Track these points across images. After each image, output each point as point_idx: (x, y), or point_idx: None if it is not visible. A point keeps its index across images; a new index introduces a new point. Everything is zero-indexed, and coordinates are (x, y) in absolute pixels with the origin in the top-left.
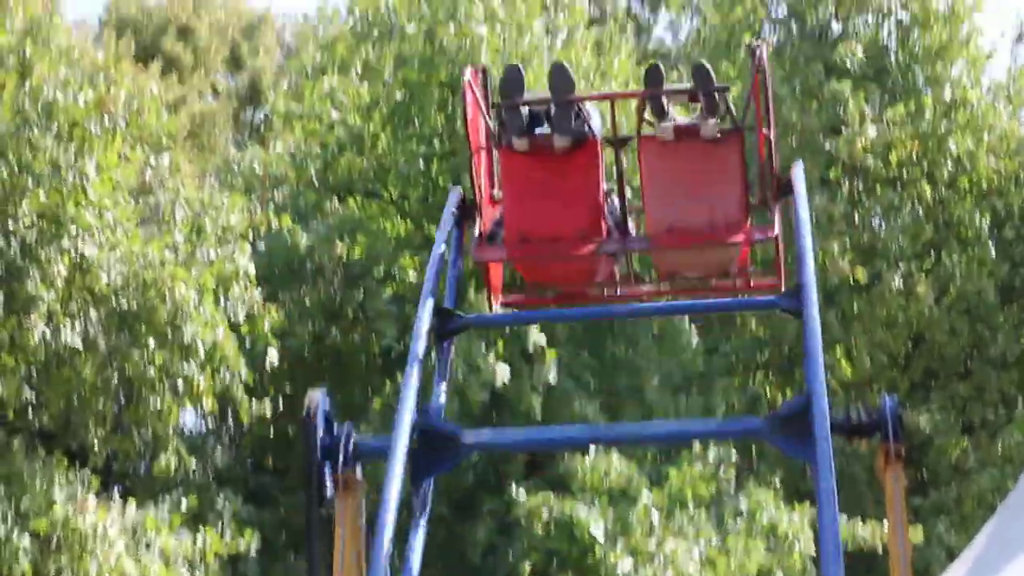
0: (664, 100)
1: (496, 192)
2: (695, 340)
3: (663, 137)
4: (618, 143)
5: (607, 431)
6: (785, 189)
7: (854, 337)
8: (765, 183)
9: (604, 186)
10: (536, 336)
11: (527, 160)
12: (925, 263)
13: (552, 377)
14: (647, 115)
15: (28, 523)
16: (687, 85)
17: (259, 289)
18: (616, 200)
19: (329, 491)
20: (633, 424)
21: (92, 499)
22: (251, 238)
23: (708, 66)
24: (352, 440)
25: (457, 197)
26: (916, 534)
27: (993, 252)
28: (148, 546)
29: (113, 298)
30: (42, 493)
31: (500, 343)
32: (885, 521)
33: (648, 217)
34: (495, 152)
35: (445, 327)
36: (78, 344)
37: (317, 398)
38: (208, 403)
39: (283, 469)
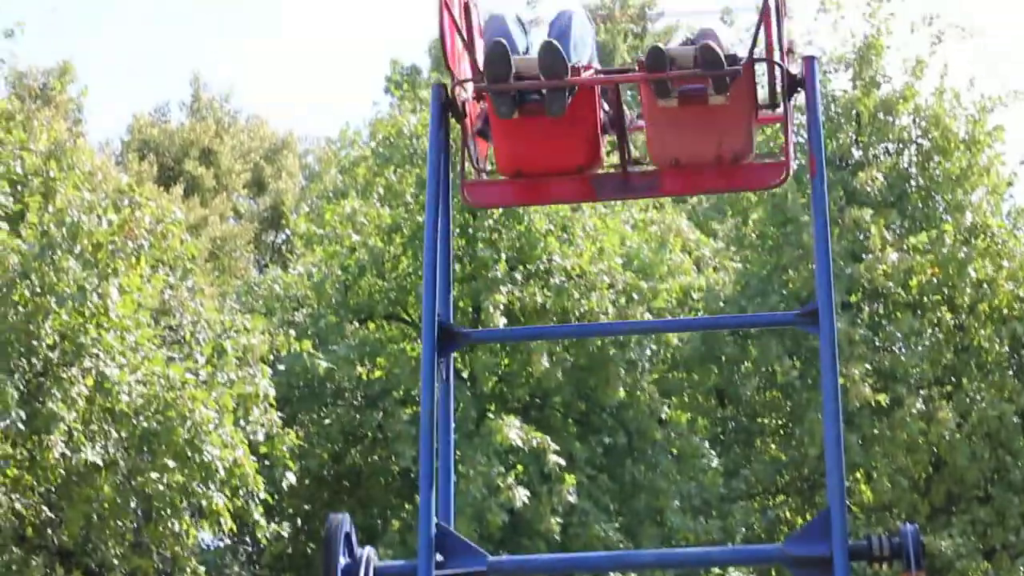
0: (668, 82)
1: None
2: (715, 462)
3: (667, 106)
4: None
5: (628, 557)
6: (796, 85)
7: (874, 461)
8: (773, 85)
9: (602, 115)
10: (554, 457)
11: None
12: (945, 388)
13: (572, 499)
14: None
15: None
16: (691, 50)
17: (278, 412)
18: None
19: None
20: (654, 551)
21: None
22: (271, 359)
23: (718, 48)
24: (372, 564)
25: (440, 95)
26: None
27: (1013, 378)
28: None
29: (133, 418)
30: None
31: (519, 467)
32: None
33: (651, 146)
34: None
35: (447, 344)
36: (98, 461)
37: (339, 520)
38: (226, 523)
39: None
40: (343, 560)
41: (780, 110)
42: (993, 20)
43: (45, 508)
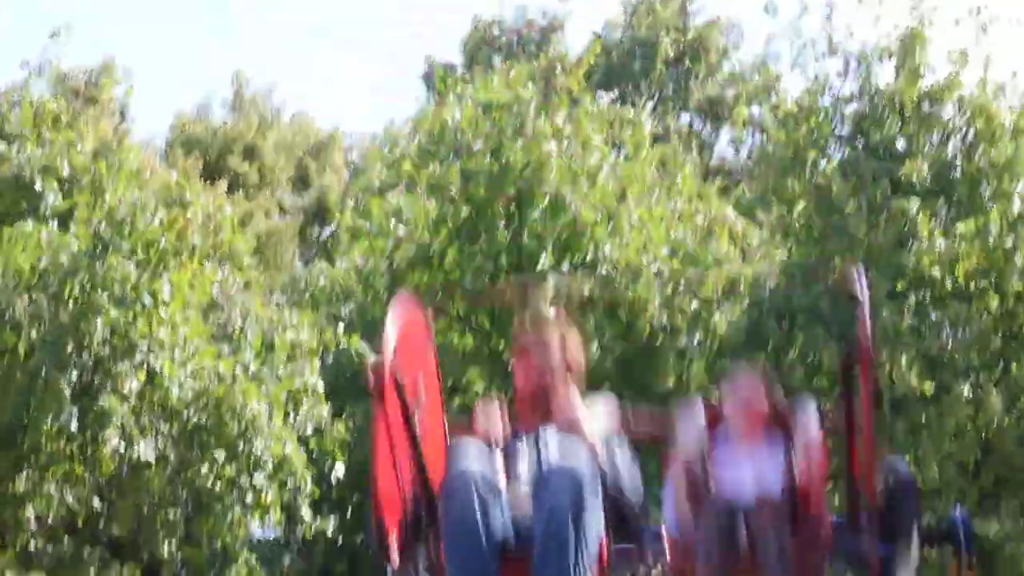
0: None
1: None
2: None
3: None
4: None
5: None
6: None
7: (921, 447)
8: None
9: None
10: None
11: None
12: (993, 374)
13: None
14: None
15: None
16: None
17: (327, 405)
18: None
19: None
20: None
21: None
22: (319, 352)
23: None
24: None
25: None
26: None
27: None
28: None
29: (184, 412)
30: None
31: None
32: None
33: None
34: None
35: None
36: (151, 458)
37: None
38: (276, 515)
39: None
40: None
41: None
42: None
43: (96, 501)
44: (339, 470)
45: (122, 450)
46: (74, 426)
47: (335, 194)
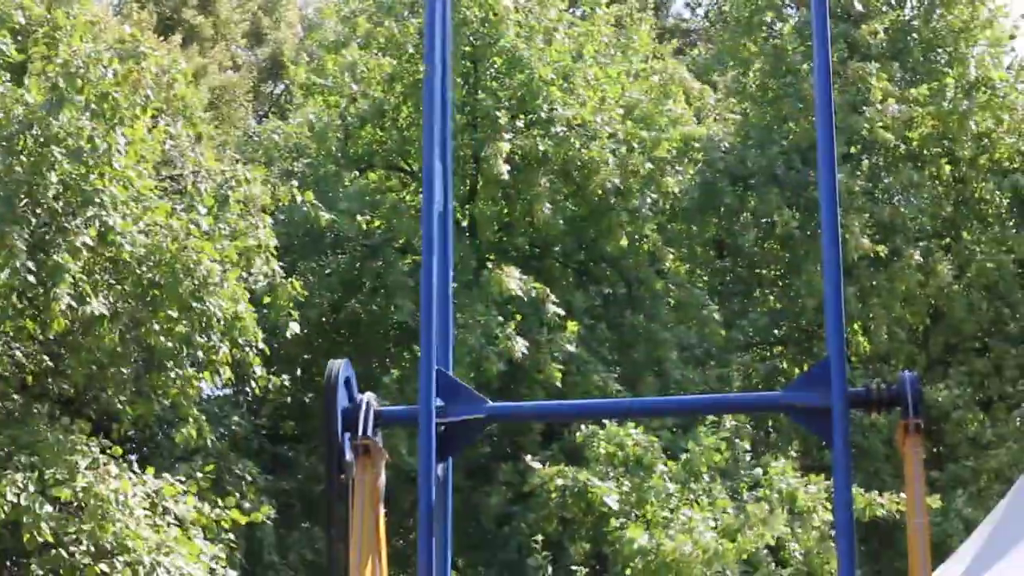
0: None
1: None
2: (715, 313)
3: None
4: None
5: (627, 404)
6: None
7: (872, 312)
8: None
9: None
10: (553, 308)
11: None
12: (944, 240)
13: (571, 347)
14: None
15: (51, 490)
16: None
17: (279, 262)
18: None
19: (348, 456)
20: (652, 398)
21: (113, 467)
22: (272, 209)
23: None
24: (372, 407)
25: None
26: (934, 504)
27: (1012, 230)
28: (166, 511)
29: (137, 269)
30: (61, 459)
31: (518, 316)
32: (903, 493)
33: None
34: None
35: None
36: (105, 312)
37: (339, 365)
38: (225, 373)
39: (300, 436)
40: (343, 403)
41: None
42: None
43: (46, 357)
44: (294, 328)
45: (74, 305)
46: (32, 280)
47: (289, 50)
